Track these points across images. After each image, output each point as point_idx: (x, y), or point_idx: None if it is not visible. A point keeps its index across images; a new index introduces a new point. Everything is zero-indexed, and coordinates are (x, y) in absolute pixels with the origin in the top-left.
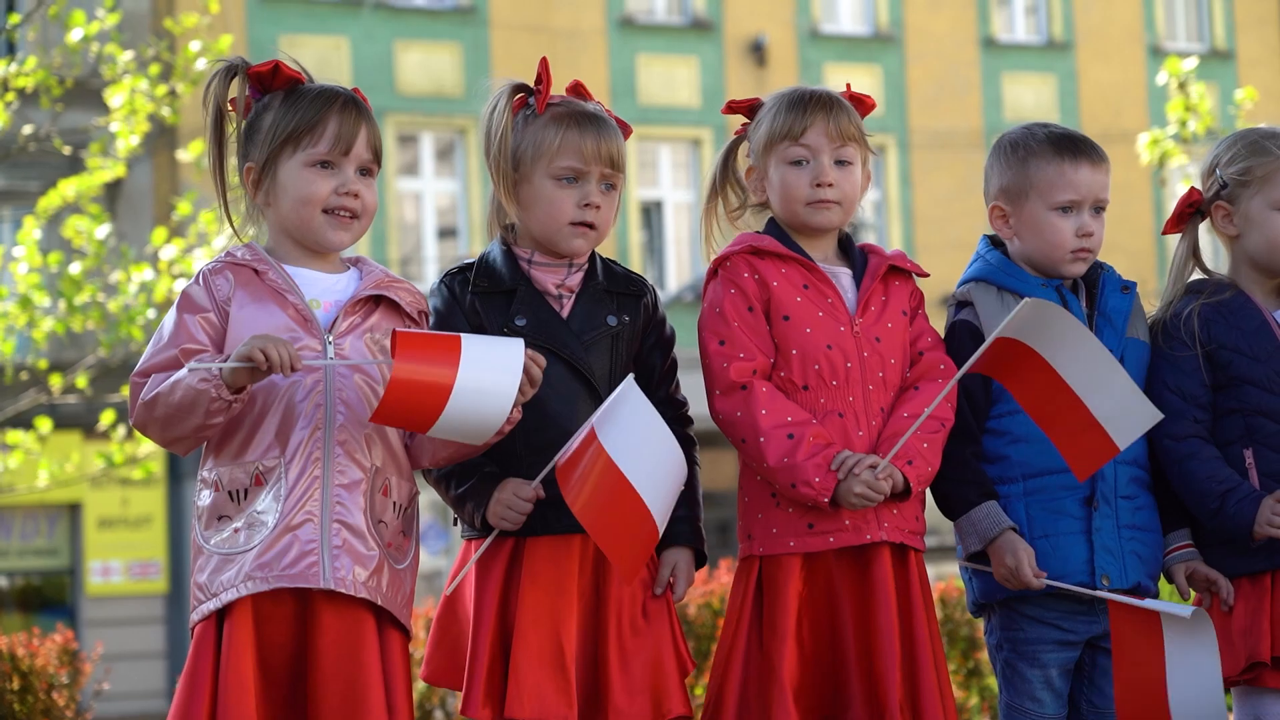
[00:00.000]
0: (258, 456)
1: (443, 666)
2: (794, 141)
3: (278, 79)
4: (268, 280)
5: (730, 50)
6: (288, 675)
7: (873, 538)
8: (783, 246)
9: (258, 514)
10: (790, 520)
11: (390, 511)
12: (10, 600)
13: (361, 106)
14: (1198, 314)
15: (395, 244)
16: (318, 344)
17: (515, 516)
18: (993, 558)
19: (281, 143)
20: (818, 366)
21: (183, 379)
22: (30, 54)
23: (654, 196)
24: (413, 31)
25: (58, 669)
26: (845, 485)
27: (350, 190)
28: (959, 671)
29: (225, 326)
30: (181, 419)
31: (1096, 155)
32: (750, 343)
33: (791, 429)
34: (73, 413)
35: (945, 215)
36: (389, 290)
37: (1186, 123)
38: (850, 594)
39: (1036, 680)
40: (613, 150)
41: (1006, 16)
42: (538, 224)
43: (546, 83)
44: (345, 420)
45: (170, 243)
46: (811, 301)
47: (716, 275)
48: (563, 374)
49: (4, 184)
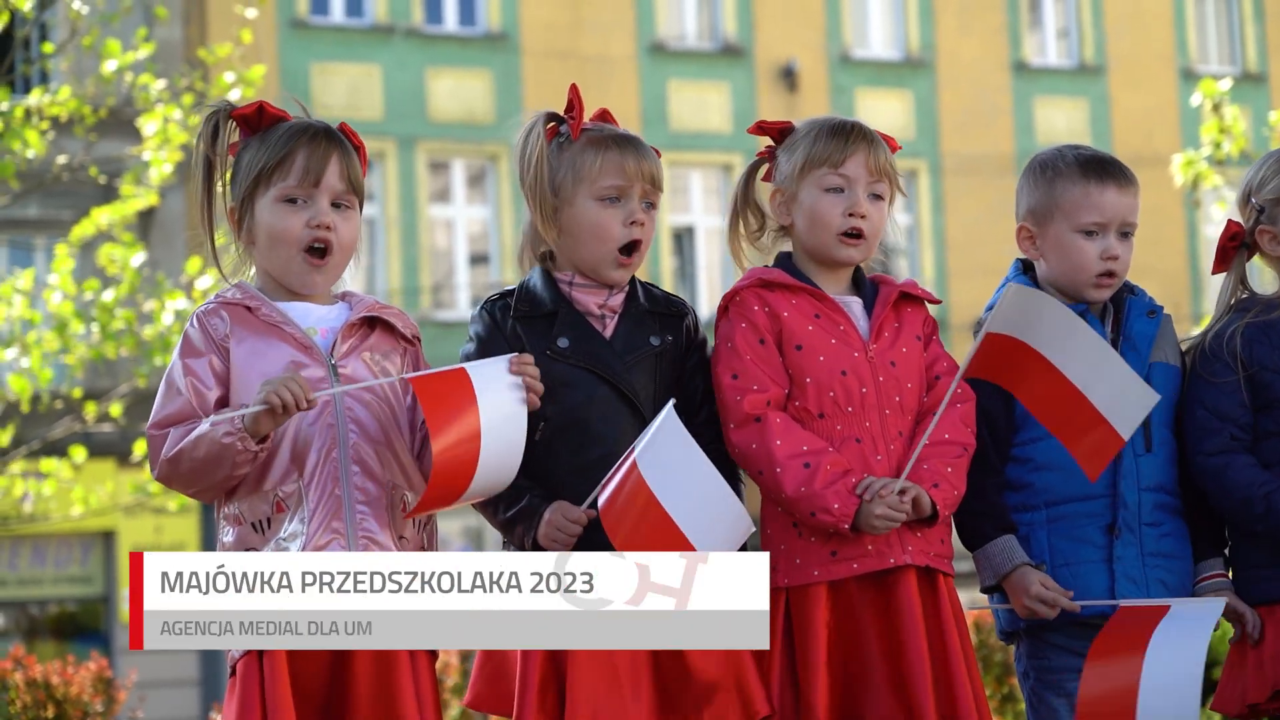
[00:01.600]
0: (275, 484)
1: (485, 692)
2: (833, 169)
3: (264, 119)
4: (261, 316)
5: (761, 75)
6: (324, 700)
7: (896, 561)
8: (791, 278)
9: (283, 540)
10: (813, 549)
11: (410, 527)
12: (45, 628)
13: (335, 137)
14: (1241, 333)
15: (427, 271)
16: (323, 369)
17: (565, 539)
18: (1009, 593)
19: (254, 180)
20: (833, 393)
21: (205, 434)
22: (64, 83)
23: (685, 222)
24: (444, 59)
25: (92, 697)
26: (867, 509)
27: (322, 222)
28: (994, 697)
29: (228, 365)
30: (208, 473)
31: (1124, 178)
32: (763, 374)
33: (808, 458)
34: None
35: (977, 240)
36: (381, 313)
37: (1221, 145)
38: (875, 620)
39: (1063, 709)
40: (653, 169)
41: (1038, 40)
42: (584, 248)
43: (579, 109)
44: (358, 439)
45: (205, 273)
46: (824, 330)
47: (728, 311)
48: (607, 395)
49: (38, 213)
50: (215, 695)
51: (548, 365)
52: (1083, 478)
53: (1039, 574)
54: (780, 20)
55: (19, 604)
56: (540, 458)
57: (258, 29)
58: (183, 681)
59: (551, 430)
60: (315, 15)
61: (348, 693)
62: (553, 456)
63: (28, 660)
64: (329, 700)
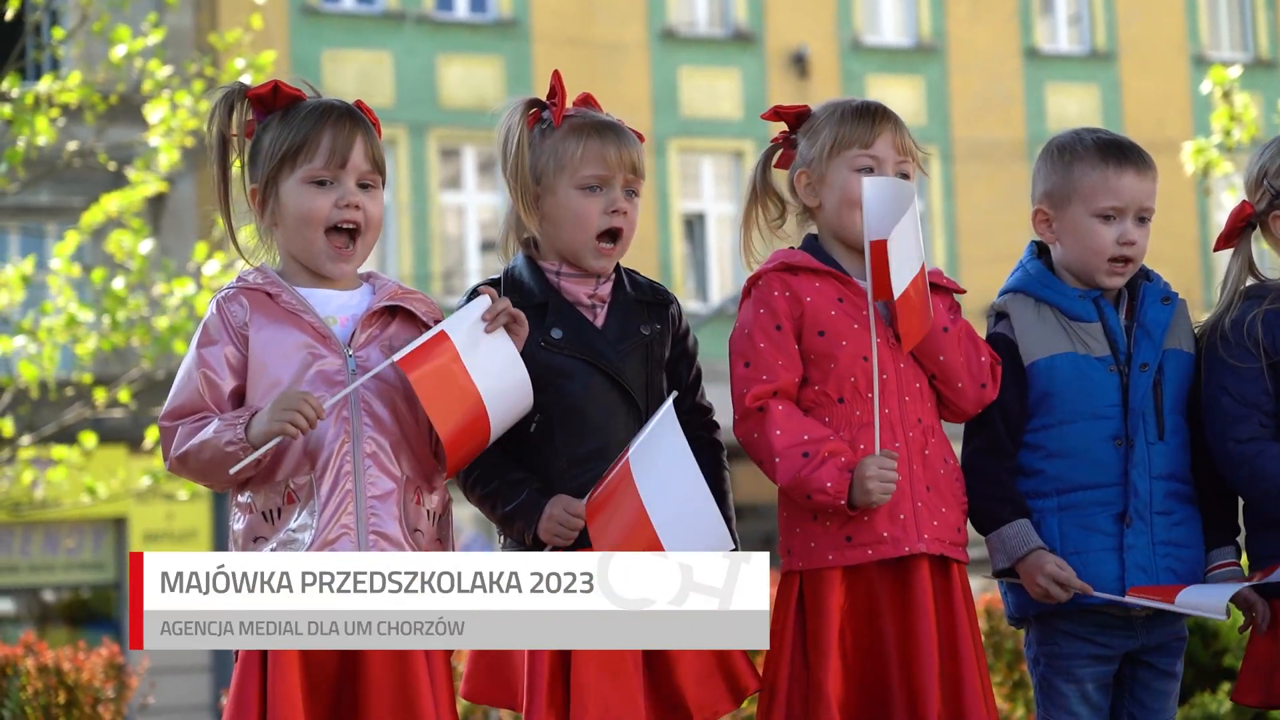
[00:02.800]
0: (288, 475)
1: (482, 685)
2: (863, 149)
3: (279, 99)
4: (281, 302)
5: (772, 62)
6: (332, 689)
7: (911, 549)
8: (817, 261)
9: (293, 532)
10: (828, 534)
11: (425, 520)
12: (56, 614)
13: (358, 117)
14: (1261, 320)
15: (438, 257)
16: (339, 359)
17: (567, 533)
18: (1022, 576)
19: (279, 162)
20: (853, 379)
21: (209, 440)
22: (74, 70)
23: (696, 209)
24: (455, 46)
25: (104, 683)
26: (858, 475)
27: (350, 202)
28: (1004, 684)
29: (246, 352)
30: (213, 475)
31: (1143, 163)
32: (774, 362)
33: (807, 447)
34: (118, 427)
35: (988, 226)
36: (403, 301)
37: (1231, 132)
38: (892, 607)
39: (1072, 694)
40: (634, 157)
41: (1049, 27)
42: (565, 235)
43: (561, 95)
44: (373, 431)
45: (212, 258)
46: (846, 314)
47: (750, 294)
48: (602, 385)
49: (49, 200)
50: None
51: (542, 356)
52: (1094, 466)
53: (1054, 557)
54: (791, 7)
55: (31, 590)
56: (537, 449)
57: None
58: (194, 668)
59: (548, 421)
60: (326, 2)
61: (361, 685)
62: (550, 447)
63: (39, 646)
64: (339, 691)
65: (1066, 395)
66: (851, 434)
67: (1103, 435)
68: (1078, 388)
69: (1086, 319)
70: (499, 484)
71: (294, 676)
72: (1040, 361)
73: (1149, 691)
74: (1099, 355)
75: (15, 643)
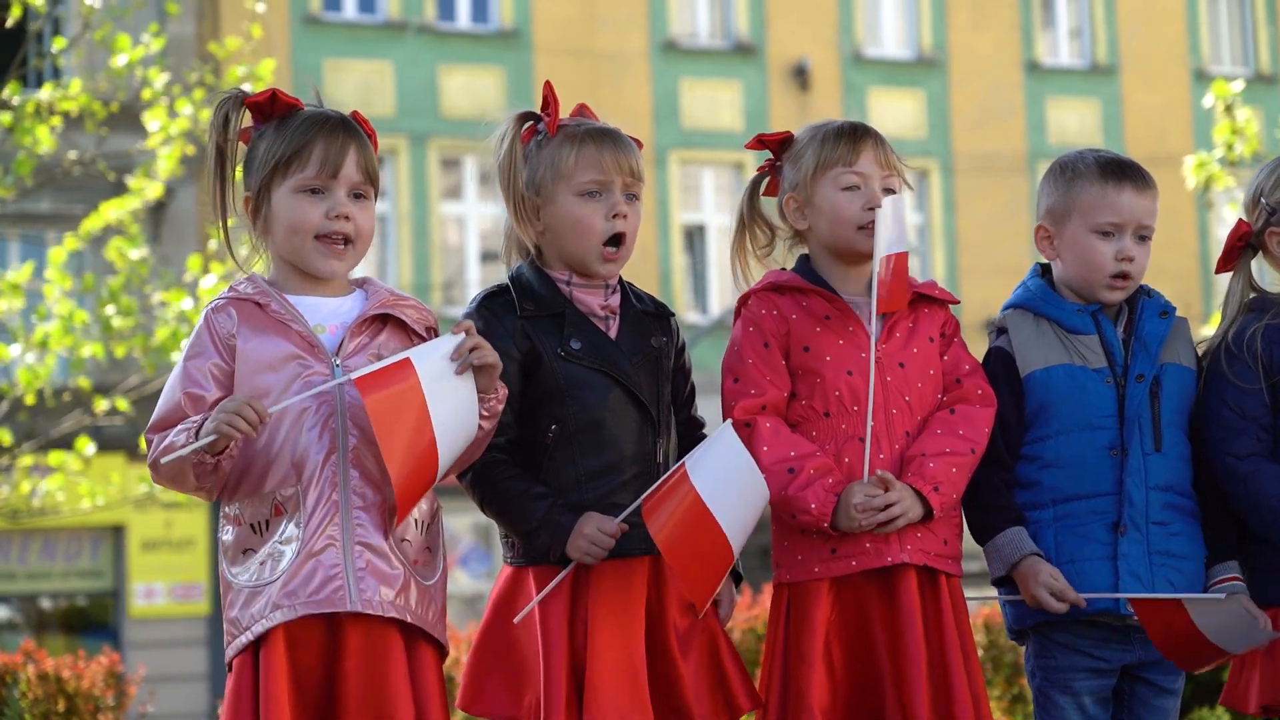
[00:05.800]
0: (275, 486)
1: (481, 695)
2: (847, 168)
3: (276, 107)
4: (270, 312)
5: (773, 74)
6: (320, 699)
7: (894, 560)
8: (804, 281)
9: (279, 544)
10: (814, 546)
11: (412, 529)
12: (54, 622)
13: (352, 128)
14: (1261, 334)
15: (438, 267)
16: (325, 369)
17: (600, 552)
18: (1018, 583)
19: (272, 170)
20: (838, 393)
21: (170, 444)
22: (75, 78)
23: (697, 220)
24: (456, 56)
25: (103, 691)
26: (844, 504)
27: (341, 213)
28: (1003, 697)
29: (232, 364)
30: (180, 482)
31: (1142, 181)
32: (762, 378)
33: (792, 463)
34: (116, 434)
35: (989, 239)
36: (394, 309)
37: (1233, 146)
38: (881, 617)
39: (1069, 707)
40: (632, 160)
41: (1050, 40)
42: (569, 243)
43: (554, 105)
44: (359, 442)
45: (209, 271)
46: (832, 330)
47: (740, 313)
48: (620, 397)
49: (49, 207)
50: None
51: (561, 367)
52: (1090, 476)
53: (1048, 565)
54: (793, 19)
55: (29, 597)
56: (555, 460)
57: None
58: (192, 676)
59: (566, 433)
60: (328, 11)
61: (338, 688)
62: (568, 460)
63: (39, 654)
64: (323, 696)
65: (1063, 406)
66: (837, 447)
67: (1098, 445)
68: (1074, 398)
69: (1084, 331)
70: (519, 499)
71: (284, 687)
72: (1037, 373)
73: (1148, 708)
74: (1095, 367)
75: (14, 650)
